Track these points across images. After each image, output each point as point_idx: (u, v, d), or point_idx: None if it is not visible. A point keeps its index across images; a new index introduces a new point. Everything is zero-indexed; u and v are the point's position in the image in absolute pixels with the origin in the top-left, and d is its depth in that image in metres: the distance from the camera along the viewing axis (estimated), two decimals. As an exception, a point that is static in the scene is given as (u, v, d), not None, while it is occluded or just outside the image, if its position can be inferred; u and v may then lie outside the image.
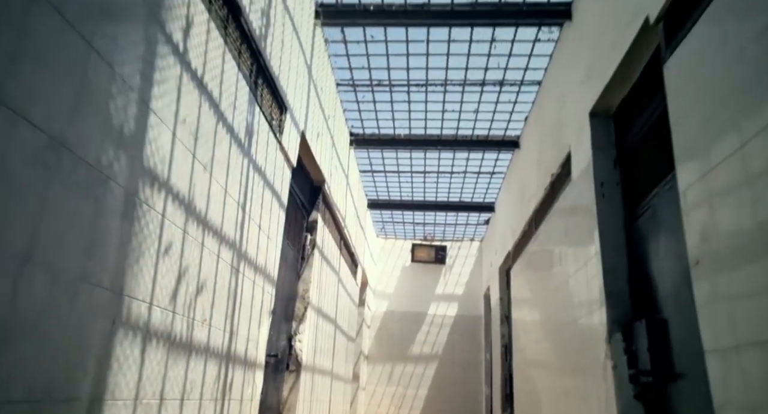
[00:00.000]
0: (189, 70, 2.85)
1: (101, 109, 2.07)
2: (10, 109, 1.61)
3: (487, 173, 9.82)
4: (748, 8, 2.37)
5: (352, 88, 7.19)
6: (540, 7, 5.41)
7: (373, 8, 5.55)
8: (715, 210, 2.57)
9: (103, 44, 2.06)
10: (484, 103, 7.39)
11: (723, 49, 2.56)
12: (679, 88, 3.02)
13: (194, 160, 2.94)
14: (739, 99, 2.40)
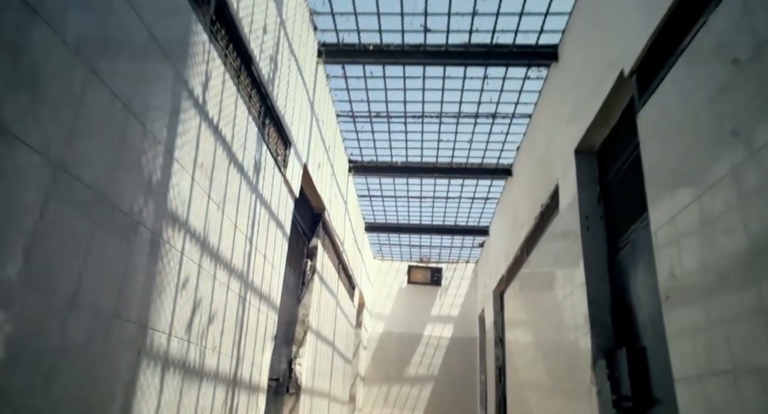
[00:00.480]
0: (206, 118, 3.14)
1: (135, 164, 2.35)
2: (66, 171, 1.88)
3: (481, 198, 10.13)
4: (707, 70, 2.69)
5: (351, 119, 7.53)
6: (529, 48, 5.78)
7: (372, 48, 5.90)
8: (681, 251, 2.85)
9: (138, 107, 2.35)
10: (477, 134, 7.74)
11: (686, 105, 2.88)
12: (651, 138, 3.33)
13: (209, 200, 3.21)
14: (700, 151, 2.70)
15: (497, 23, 5.50)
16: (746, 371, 2.22)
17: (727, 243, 2.41)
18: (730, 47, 2.46)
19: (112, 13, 2.15)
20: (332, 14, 5.55)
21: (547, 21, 5.44)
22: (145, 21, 2.38)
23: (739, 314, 2.29)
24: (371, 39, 5.87)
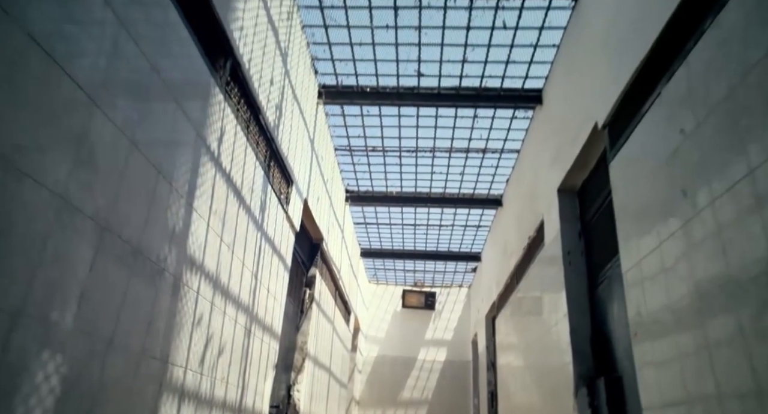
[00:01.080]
0: (220, 169, 3.49)
1: (162, 218, 2.68)
2: (111, 231, 2.21)
3: (473, 226, 10.48)
4: (662, 135, 3.07)
5: (348, 152, 7.91)
6: (515, 92, 6.21)
7: (369, 90, 6.31)
8: (646, 292, 3.19)
9: (166, 168, 2.69)
10: (469, 167, 8.13)
11: (647, 164, 3.26)
12: (620, 187, 3.70)
13: (221, 242, 3.54)
14: (659, 206, 3.07)
15: (485, 69, 5.94)
16: (696, 401, 2.54)
17: (680, 288, 2.75)
18: (679, 118, 2.84)
19: (150, 93, 2.51)
20: (332, 60, 5.97)
21: (531, 69, 5.88)
22: (175, 96, 2.74)
23: (690, 352, 2.62)
24: (368, 82, 6.29)
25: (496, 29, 5.32)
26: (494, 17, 5.18)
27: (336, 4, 5.15)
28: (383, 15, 5.26)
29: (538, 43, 5.50)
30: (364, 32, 5.50)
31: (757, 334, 2.11)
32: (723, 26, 2.48)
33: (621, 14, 3.82)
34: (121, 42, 2.24)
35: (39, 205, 1.80)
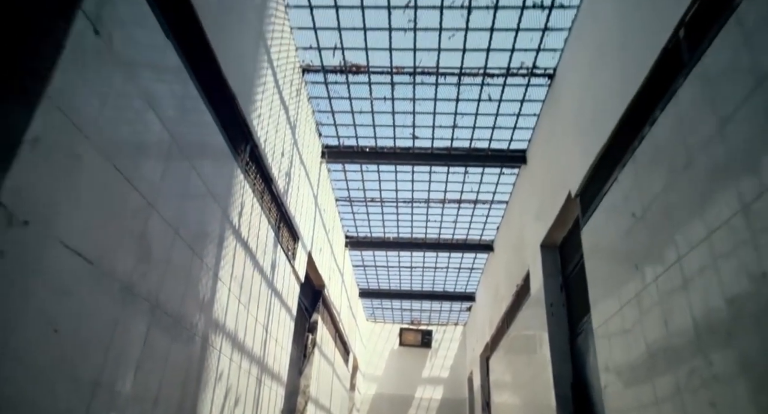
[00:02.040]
0: (240, 239, 3.99)
1: (195, 290, 3.17)
2: (160, 308, 2.69)
3: (467, 268, 10.95)
4: (619, 214, 3.60)
5: (348, 202, 8.46)
6: (502, 152, 6.81)
7: (368, 150, 6.90)
8: (611, 349, 3.66)
9: (199, 248, 3.19)
10: (462, 215, 8.67)
11: (609, 236, 3.78)
12: (590, 251, 4.22)
13: (239, 303, 4.00)
14: (619, 274, 3.57)
15: (474, 133, 6.55)
16: (651, 450, 2.98)
17: (637, 348, 3.23)
18: (631, 202, 3.38)
19: (190, 189, 3.04)
20: (335, 125, 6.58)
21: (515, 133, 6.49)
22: (208, 186, 3.28)
23: (645, 404, 3.07)
24: (367, 142, 6.88)
25: (482, 101, 5.94)
26: (480, 91, 5.81)
27: (339, 80, 5.78)
28: (381, 89, 5.89)
29: (520, 112, 6.13)
30: (364, 102, 6.12)
31: (690, 393, 2.58)
32: (657, 136, 3.05)
33: (586, 100, 4.42)
34: (173, 152, 2.78)
35: (112, 296, 2.29)
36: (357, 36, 5.19)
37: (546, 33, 5.01)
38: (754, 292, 2.09)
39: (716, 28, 2.45)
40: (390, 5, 4.80)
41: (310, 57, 5.55)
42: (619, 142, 3.67)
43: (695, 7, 2.68)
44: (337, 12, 4.91)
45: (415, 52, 5.34)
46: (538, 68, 5.47)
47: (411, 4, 4.78)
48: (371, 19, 4.98)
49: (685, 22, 2.77)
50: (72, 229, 1.99)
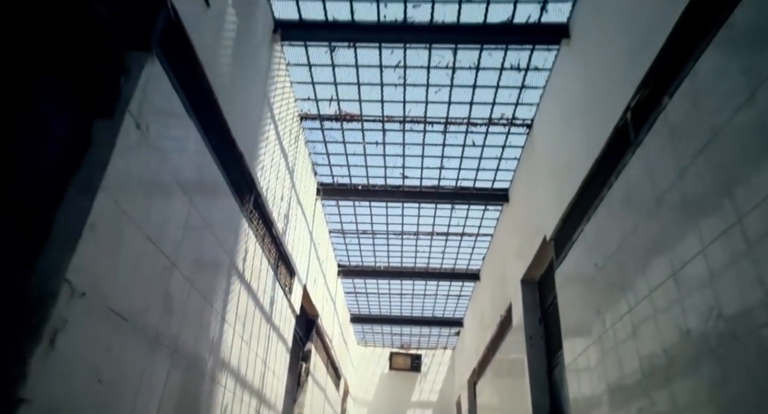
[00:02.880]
0: (243, 282, 4.37)
1: (207, 334, 3.54)
2: (177, 351, 3.06)
3: (455, 295, 11.34)
4: (585, 263, 4.04)
5: (341, 234, 8.86)
6: (486, 191, 7.29)
7: (360, 188, 7.35)
8: (580, 384, 4.06)
9: (212, 298, 3.58)
10: (449, 247, 9.10)
11: (577, 282, 4.22)
12: (563, 292, 4.65)
13: (242, 341, 4.37)
14: (585, 317, 4.00)
15: (460, 174, 7.02)
16: (611, 478, 3.37)
17: (599, 386, 3.64)
18: (594, 254, 3.83)
19: (205, 245, 3.43)
20: (329, 165, 7.02)
21: (498, 174, 6.98)
22: (219, 239, 3.68)
23: (605, 437, 3.47)
24: (360, 180, 7.33)
25: (467, 146, 6.43)
26: (465, 137, 6.30)
27: (334, 126, 6.24)
28: (373, 135, 6.36)
29: (502, 155, 6.62)
30: (358, 146, 6.58)
31: (639, 429, 2.99)
32: (612, 200, 3.52)
33: (558, 153, 4.91)
34: (192, 214, 3.19)
35: (142, 348, 2.66)
36: (351, 89, 5.68)
37: (523, 90, 5.52)
38: (682, 346, 2.52)
39: (652, 118, 2.94)
40: (382, 64, 5.29)
41: (308, 106, 6.02)
42: (586, 198, 4.14)
43: (638, 97, 3.17)
44: (333, 70, 5.39)
45: (404, 104, 5.83)
46: (517, 119, 5.98)
47: (401, 64, 5.28)
48: (365, 75, 5.47)
49: (631, 107, 3.26)
50: (115, 294, 2.38)
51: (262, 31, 4.57)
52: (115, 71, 2.50)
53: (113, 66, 2.51)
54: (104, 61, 2.47)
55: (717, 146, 2.34)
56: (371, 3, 4.63)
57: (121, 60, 2.55)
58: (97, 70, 2.44)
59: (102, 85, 2.43)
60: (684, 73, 2.64)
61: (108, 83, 2.45)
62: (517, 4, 4.57)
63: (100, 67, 2.45)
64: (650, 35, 3.00)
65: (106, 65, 2.48)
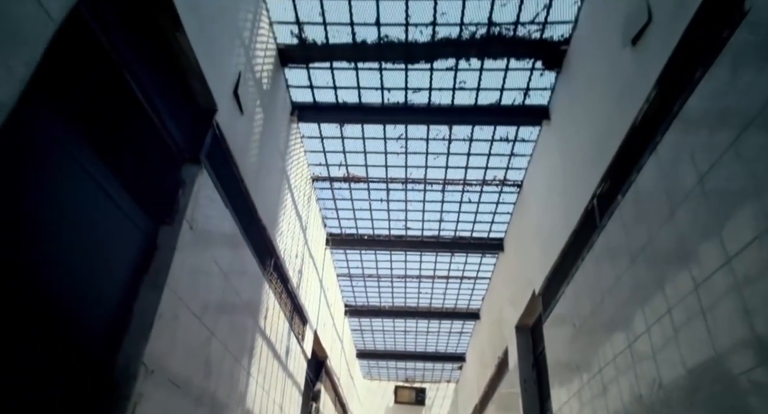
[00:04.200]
0: (264, 337, 4.93)
1: (236, 388, 4.08)
2: (214, 408, 3.60)
3: (457, 332, 11.80)
4: (565, 322, 4.59)
5: (348, 278, 9.42)
6: (483, 240, 7.87)
7: (366, 238, 7.95)
8: (564, 430, 4.56)
9: (238, 354, 4.14)
10: (450, 289, 9.64)
11: (561, 337, 4.75)
12: (549, 344, 5.17)
13: (262, 390, 4.90)
14: (569, 369, 4.52)
15: (458, 225, 7.62)
16: None
17: (579, 434, 4.14)
18: (572, 314, 4.38)
19: (236, 311, 4.02)
20: (338, 218, 7.64)
21: (493, 226, 7.58)
22: (246, 303, 4.25)
23: (584, 481, 3.96)
24: (366, 231, 7.94)
25: (464, 203, 7.05)
26: (461, 196, 6.92)
27: (343, 186, 6.89)
28: (378, 193, 7.00)
29: (496, 210, 7.23)
30: (364, 202, 7.21)
31: (609, 475, 3.49)
32: (584, 271, 4.10)
33: (544, 216, 5.50)
34: (227, 288, 3.78)
35: (190, 410, 3.22)
36: (359, 157, 6.34)
37: (512, 157, 6.17)
38: (637, 409, 3.06)
39: (611, 210, 3.54)
40: (386, 137, 5.96)
41: (319, 170, 6.68)
42: (566, 263, 4.71)
43: (601, 188, 3.78)
44: (342, 141, 6.07)
45: (406, 168, 6.48)
46: (508, 180, 6.61)
47: (402, 136, 5.95)
48: (370, 145, 6.14)
49: (596, 195, 3.87)
50: (172, 366, 2.95)
51: (282, 117, 5.25)
52: (174, 185, 3.14)
53: (174, 181, 3.15)
54: (168, 178, 3.11)
55: (653, 247, 2.93)
56: (376, 90, 5.32)
57: (178, 175, 3.19)
58: (163, 186, 3.07)
59: (166, 198, 3.07)
60: (631, 179, 3.25)
61: (170, 196, 3.09)
62: (504, 91, 5.24)
63: (165, 183, 3.09)
64: (607, 139, 3.63)
65: (168, 181, 3.11)
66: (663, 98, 2.90)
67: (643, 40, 3.09)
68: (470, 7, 4.44)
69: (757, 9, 2.09)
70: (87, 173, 2.44)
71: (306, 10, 4.58)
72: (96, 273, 2.56)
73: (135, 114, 2.80)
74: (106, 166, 2.57)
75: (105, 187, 2.57)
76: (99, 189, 2.53)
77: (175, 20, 2.89)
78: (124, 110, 2.73)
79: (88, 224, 2.47)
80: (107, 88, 2.58)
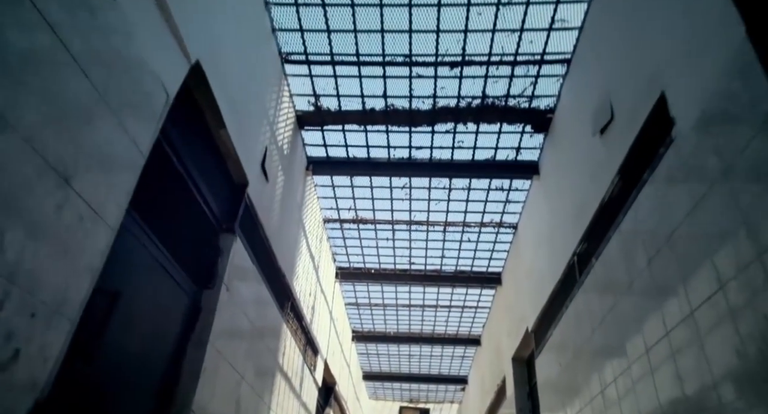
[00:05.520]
0: (282, 373, 5.46)
1: (260, 423, 4.61)
2: (242, 444, 4.14)
3: (459, 356, 12.28)
4: (555, 360, 5.11)
5: (356, 307, 9.96)
6: (481, 275, 8.42)
7: (373, 272, 8.51)
8: (552, 460, 5.05)
9: (262, 392, 4.68)
10: (452, 316, 10.15)
11: (551, 372, 5.26)
12: (540, 379, 5.68)
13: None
14: (557, 404, 5.03)
15: (458, 261, 8.18)
16: None
17: (564, 464, 4.64)
18: (559, 354, 4.91)
19: (262, 359, 4.57)
20: (347, 254, 8.22)
21: (491, 262, 8.12)
22: (269, 345, 4.81)
23: None
24: (373, 265, 8.50)
25: (463, 242, 7.61)
26: (461, 236, 7.49)
27: (352, 227, 7.47)
28: (384, 233, 7.57)
29: (494, 248, 7.78)
30: (371, 241, 7.79)
31: None
32: (566, 321, 4.63)
33: (535, 261, 6.04)
34: (253, 335, 4.34)
35: (225, 444, 3.76)
36: (366, 202, 6.93)
37: (507, 204, 6.74)
38: (606, 446, 3.58)
39: (588, 269, 4.10)
40: (391, 185, 6.55)
41: (330, 213, 7.28)
42: (553, 308, 5.25)
43: (580, 247, 4.34)
44: (352, 190, 6.67)
45: (410, 212, 7.06)
46: (505, 223, 7.17)
47: (407, 185, 6.55)
48: (377, 192, 6.73)
49: (577, 253, 4.43)
50: (213, 410, 3.51)
51: (298, 172, 5.86)
52: (214, 253, 3.72)
53: (214, 249, 3.74)
54: (209, 247, 3.70)
55: (617, 310, 3.48)
56: (383, 148, 5.93)
57: (217, 243, 3.78)
58: (205, 254, 3.66)
59: (208, 265, 3.65)
60: (601, 248, 3.81)
61: (211, 263, 3.67)
62: (498, 149, 5.84)
63: (206, 251, 3.67)
64: (585, 207, 4.19)
65: (209, 249, 3.70)
66: (623, 185, 3.47)
67: (608, 134, 3.67)
68: (466, 83, 5.06)
69: (680, 138, 2.66)
70: (152, 255, 3.03)
71: (322, 84, 5.22)
72: (157, 335, 3.14)
73: (186, 198, 3.39)
74: (164, 246, 3.16)
75: (164, 264, 3.16)
76: (161, 267, 3.12)
77: (219, 120, 3.51)
78: (177, 196, 3.33)
79: (152, 295, 3.05)
80: (168, 181, 3.18)
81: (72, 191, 2.01)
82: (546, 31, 4.51)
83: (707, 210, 2.40)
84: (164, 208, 3.24)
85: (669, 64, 2.81)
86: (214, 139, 3.66)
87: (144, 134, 2.53)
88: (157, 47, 2.64)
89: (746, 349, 2.09)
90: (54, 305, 1.94)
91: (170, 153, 3.03)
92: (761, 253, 2.00)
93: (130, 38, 2.38)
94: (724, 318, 2.25)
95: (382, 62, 4.91)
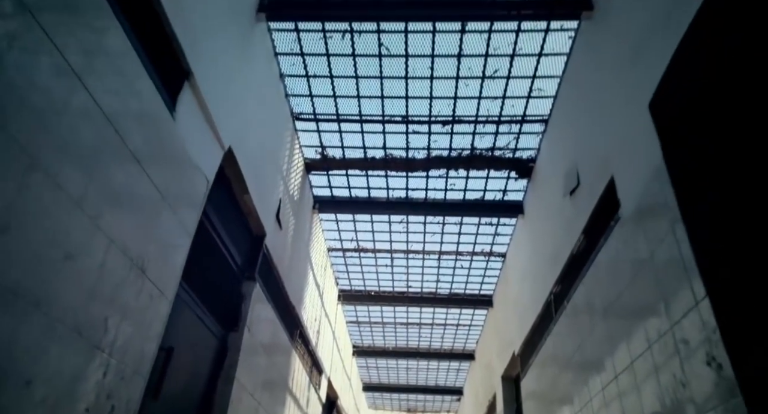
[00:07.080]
0: (292, 395, 6.06)
1: (274, 442, 5.21)
2: (260, 462, 4.74)
3: (454, 369, 12.88)
4: (536, 382, 5.72)
5: (356, 324, 10.57)
6: (475, 297, 9.03)
7: (373, 293, 9.13)
8: (534, 474, 5.66)
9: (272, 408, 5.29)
10: (447, 333, 10.77)
11: (532, 393, 5.87)
12: (525, 399, 6.29)
13: (290, 438, 6.01)
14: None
15: (452, 285, 8.80)
16: None
17: (543, 478, 5.24)
18: (539, 380, 5.52)
19: (275, 379, 5.18)
20: (348, 278, 8.84)
21: (483, 285, 8.74)
22: (282, 375, 5.42)
23: None
24: (372, 287, 9.12)
25: (457, 268, 8.24)
26: (455, 264, 8.11)
27: (353, 255, 8.09)
28: (383, 260, 8.19)
29: (485, 274, 8.41)
30: (372, 267, 8.41)
31: None
32: (544, 353, 5.25)
33: (521, 290, 6.66)
34: (268, 365, 4.94)
35: (247, 463, 4.36)
36: (367, 235, 7.56)
37: (496, 236, 7.37)
38: (573, 465, 4.19)
39: (561, 308, 4.72)
40: (390, 221, 7.18)
41: (333, 243, 7.90)
42: (535, 338, 5.86)
43: (556, 288, 4.96)
44: (354, 224, 7.29)
45: (408, 242, 7.69)
46: (495, 252, 7.80)
47: (404, 221, 7.17)
48: (377, 226, 7.35)
49: (553, 293, 5.05)
50: (238, 435, 4.11)
51: (306, 212, 6.48)
52: (238, 299, 4.34)
53: (237, 295, 4.35)
54: (233, 293, 4.32)
55: (581, 351, 4.10)
56: (383, 190, 6.56)
57: (240, 290, 4.40)
58: (230, 299, 4.27)
59: (232, 309, 4.26)
60: (570, 293, 4.43)
61: (235, 308, 4.28)
62: (486, 191, 6.47)
63: (231, 297, 4.29)
64: (559, 253, 4.81)
65: (233, 295, 4.32)
66: (587, 244, 4.10)
67: (575, 197, 4.30)
68: (456, 138, 5.69)
69: (624, 219, 3.29)
70: (191, 310, 3.64)
71: (327, 137, 5.85)
72: (195, 373, 3.74)
73: (216, 255, 4.01)
74: (200, 299, 3.77)
75: (200, 315, 3.77)
76: (198, 318, 3.73)
77: (244, 188, 4.13)
78: (210, 255, 3.95)
79: (192, 343, 3.66)
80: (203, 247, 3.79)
81: (147, 279, 2.62)
82: (525, 98, 5.15)
83: (639, 284, 3.03)
84: (200, 268, 3.85)
85: (618, 153, 3.44)
86: (238, 203, 4.28)
87: (191, 218, 3.16)
88: (200, 143, 3.26)
89: (663, 397, 2.71)
90: (134, 367, 2.55)
91: (207, 224, 3.65)
92: (672, 325, 2.62)
93: (184, 143, 3.01)
94: (650, 371, 2.87)
95: (382, 120, 5.54)
